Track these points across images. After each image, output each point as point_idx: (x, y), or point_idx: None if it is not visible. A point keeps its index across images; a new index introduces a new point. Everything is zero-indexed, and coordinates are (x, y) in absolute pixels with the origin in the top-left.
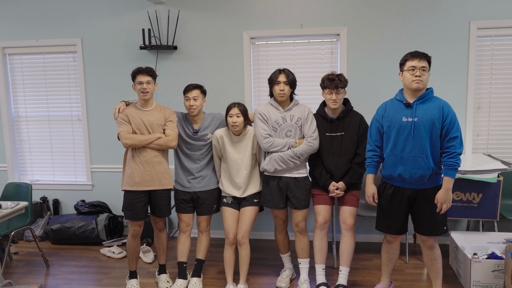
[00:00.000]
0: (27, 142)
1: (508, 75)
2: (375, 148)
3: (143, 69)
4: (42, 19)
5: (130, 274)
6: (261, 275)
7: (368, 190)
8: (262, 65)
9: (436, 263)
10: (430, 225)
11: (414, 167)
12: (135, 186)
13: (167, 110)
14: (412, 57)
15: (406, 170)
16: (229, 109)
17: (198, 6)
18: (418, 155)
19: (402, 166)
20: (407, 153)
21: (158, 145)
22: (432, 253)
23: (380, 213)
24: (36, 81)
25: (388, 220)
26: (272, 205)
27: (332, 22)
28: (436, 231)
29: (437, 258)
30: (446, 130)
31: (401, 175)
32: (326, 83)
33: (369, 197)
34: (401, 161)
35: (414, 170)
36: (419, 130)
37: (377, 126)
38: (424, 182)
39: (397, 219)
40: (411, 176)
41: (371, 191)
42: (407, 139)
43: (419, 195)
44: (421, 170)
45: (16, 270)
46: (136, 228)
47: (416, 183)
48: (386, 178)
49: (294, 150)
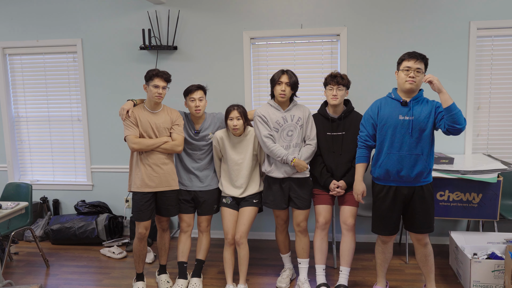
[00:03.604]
0: (27, 142)
1: (508, 75)
2: (369, 137)
3: (162, 74)
4: (42, 19)
5: (136, 277)
6: (261, 275)
7: (358, 188)
8: (262, 65)
9: (430, 258)
10: (424, 223)
11: (412, 165)
12: (143, 188)
13: (174, 113)
14: (409, 57)
15: (404, 168)
16: (228, 112)
17: (198, 6)
18: (415, 152)
19: (400, 164)
20: (405, 151)
21: (164, 149)
22: (426, 250)
23: (376, 215)
24: (36, 81)
25: (383, 222)
26: (274, 205)
27: (332, 22)
28: (430, 228)
29: (431, 254)
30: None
31: (399, 173)
32: (328, 80)
33: (359, 195)
34: (398, 159)
35: (412, 168)
36: (416, 128)
37: (371, 122)
38: (419, 179)
39: (392, 220)
40: (408, 174)
41: (360, 188)
42: (404, 137)
43: (415, 193)
44: (418, 167)
45: (16, 270)
46: (142, 231)
47: (413, 181)
48: (381, 180)
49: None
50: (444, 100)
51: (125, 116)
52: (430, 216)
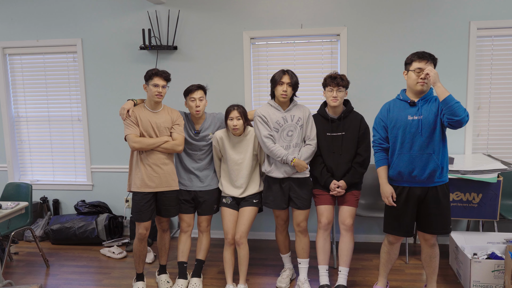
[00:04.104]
0: (27, 142)
1: (508, 75)
2: (383, 139)
3: (161, 73)
4: (42, 19)
5: (137, 277)
6: (261, 275)
7: (386, 190)
8: (262, 65)
9: (435, 260)
10: (439, 224)
11: (423, 164)
12: (143, 188)
13: (174, 112)
14: (420, 58)
15: (416, 168)
16: (228, 112)
17: (198, 6)
18: (426, 152)
19: (412, 164)
20: (416, 151)
21: (165, 149)
22: (432, 251)
23: (389, 215)
24: (36, 81)
25: (397, 222)
26: (274, 205)
27: (332, 22)
28: (445, 229)
29: (437, 256)
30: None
31: (411, 173)
32: (328, 81)
33: (388, 198)
34: (410, 159)
35: (424, 167)
36: (426, 127)
37: (382, 124)
38: (433, 180)
39: (405, 220)
40: (421, 174)
41: (389, 191)
42: (414, 137)
43: (428, 193)
44: (430, 167)
45: (16, 270)
46: (143, 232)
47: (426, 182)
48: (394, 180)
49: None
50: (439, 93)
51: (126, 116)
52: (445, 217)
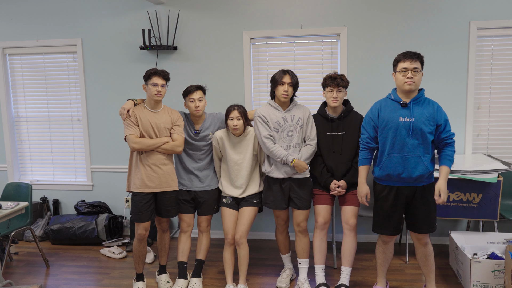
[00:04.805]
0: (27, 142)
1: (508, 75)
2: (371, 139)
3: (160, 72)
4: (42, 19)
5: (136, 277)
6: (261, 275)
7: (361, 190)
8: (262, 65)
9: (430, 258)
10: (426, 223)
11: (413, 166)
12: (143, 188)
13: (174, 113)
14: (404, 58)
15: (405, 169)
16: (228, 112)
17: (198, 6)
18: (416, 154)
19: (401, 166)
20: (406, 152)
21: (165, 149)
22: (426, 250)
23: (377, 215)
24: (36, 81)
25: (385, 222)
26: (274, 206)
27: (332, 22)
28: (431, 228)
29: (431, 254)
30: (443, 127)
31: (399, 174)
32: (328, 82)
33: (362, 197)
34: (399, 161)
35: (413, 169)
36: (417, 130)
37: (372, 124)
38: (421, 180)
39: (394, 219)
40: (410, 175)
41: (364, 191)
42: (405, 139)
43: (416, 193)
44: (419, 168)
45: (16, 270)
46: (142, 232)
47: (414, 182)
48: (383, 180)
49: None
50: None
51: (126, 116)
52: (432, 216)
